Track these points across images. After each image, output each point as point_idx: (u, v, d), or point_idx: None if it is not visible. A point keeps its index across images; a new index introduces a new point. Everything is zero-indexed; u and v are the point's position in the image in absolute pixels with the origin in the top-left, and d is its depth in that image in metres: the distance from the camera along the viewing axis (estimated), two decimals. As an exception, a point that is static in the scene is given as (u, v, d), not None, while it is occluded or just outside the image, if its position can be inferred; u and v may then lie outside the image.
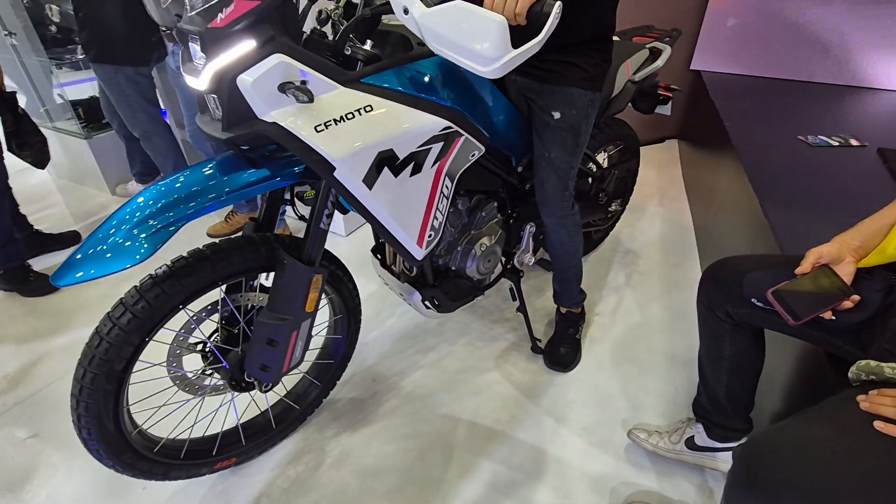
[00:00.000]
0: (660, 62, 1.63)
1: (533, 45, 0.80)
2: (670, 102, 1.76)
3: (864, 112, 2.43)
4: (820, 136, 2.04)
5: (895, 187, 1.68)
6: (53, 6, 2.69)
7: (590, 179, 1.74)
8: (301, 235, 1.13)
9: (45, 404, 1.55)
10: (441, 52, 0.85)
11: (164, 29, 1.91)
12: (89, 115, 2.70)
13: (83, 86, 2.77)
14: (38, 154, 1.93)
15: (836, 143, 1.98)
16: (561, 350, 1.66)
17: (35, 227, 2.25)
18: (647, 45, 1.69)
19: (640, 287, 2.06)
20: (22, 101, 1.92)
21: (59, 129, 2.73)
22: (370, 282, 2.04)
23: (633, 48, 1.62)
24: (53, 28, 2.58)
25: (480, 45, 0.80)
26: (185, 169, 0.97)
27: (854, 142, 2.00)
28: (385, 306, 1.95)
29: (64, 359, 1.72)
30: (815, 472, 0.70)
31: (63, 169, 2.93)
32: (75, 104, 2.66)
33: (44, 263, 2.21)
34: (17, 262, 1.98)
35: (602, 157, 1.88)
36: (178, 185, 0.93)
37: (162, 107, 2.43)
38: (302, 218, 1.32)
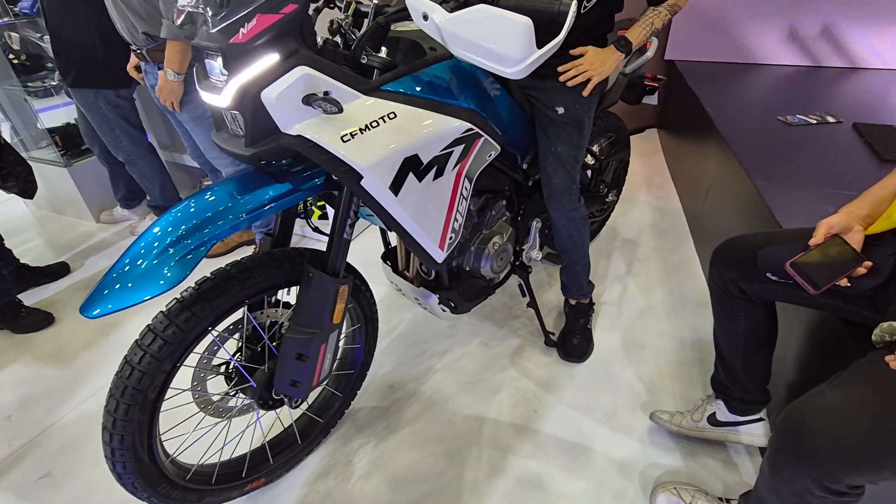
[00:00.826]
0: (649, 54, 1.67)
1: (555, 44, 0.82)
2: (657, 92, 1.80)
3: (836, 90, 2.53)
4: (798, 116, 2.12)
5: (874, 159, 1.76)
6: (13, 34, 2.61)
7: (589, 172, 1.78)
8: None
9: (54, 442, 1.50)
10: (464, 55, 0.86)
11: (135, 49, 1.87)
12: (67, 141, 2.61)
13: (57, 112, 2.69)
14: (23, 183, 1.87)
15: (815, 121, 2.07)
16: (574, 341, 1.69)
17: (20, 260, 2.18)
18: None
19: (641, 274, 2.10)
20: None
21: (35, 158, 2.64)
22: (379, 288, 2.03)
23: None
24: (22, 56, 2.49)
25: (506, 46, 0.81)
26: (198, 192, 0.96)
27: (830, 119, 2.09)
28: (394, 312, 1.94)
29: (67, 394, 1.66)
30: (858, 433, 0.73)
31: (42, 199, 2.83)
32: (52, 131, 2.58)
33: (33, 298, 2.13)
34: (6, 299, 1.91)
35: (596, 150, 1.92)
36: (193, 210, 0.91)
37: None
38: (316, 230, 1.32)
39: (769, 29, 2.90)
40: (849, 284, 0.91)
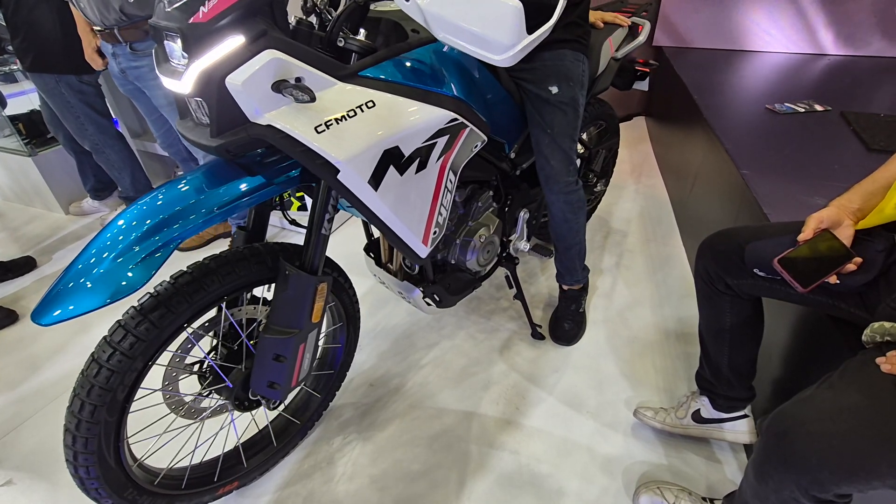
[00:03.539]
0: (641, 38, 1.62)
1: (546, 29, 0.77)
2: (648, 78, 1.76)
3: (824, 78, 2.52)
4: (786, 104, 2.10)
5: (861, 148, 1.75)
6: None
7: (578, 161, 1.73)
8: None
9: (16, 447, 1.43)
10: (448, 40, 0.81)
11: (103, 28, 1.76)
12: (31, 129, 2.49)
13: (21, 99, 2.56)
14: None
15: (802, 110, 2.05)
16: (565, 326, 1.68)
17: (-17, 255, 2.08)
18: (626, 21, 1.68)
19: (628, 266, 2.08)
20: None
21: (-3, 147, 2.51)
22: (362, 281, 1.98)
23: (614, 25, 1.61)
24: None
25: (494, 32, 0.76)
26: (167, 183, 0.89)
27: (818, 107, 2.07)
28: (378, 305, 1.90)
29: (30, 396, 1.58)
30: (850, 441, 0.70)
31: (7, 190, 2.70)
32: (14, 119, 2.45)
33: (-3, 294, 2.04)
34: (-33, 296, 1.82)
35: (585, 138, 1.87)
36: (160, 202, 0.85)
37: (113, 116, 2.26)
38: (293, 222, 1.26)
39: (758, 15, 2.87)
40: (838, 281, 0.88)
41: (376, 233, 1.46)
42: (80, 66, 1.99)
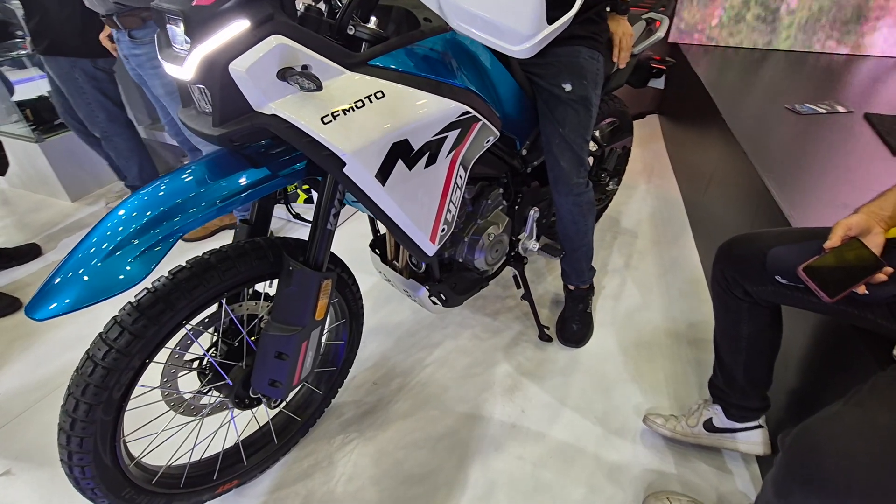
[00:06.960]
0: (659, 33, 1.57)
1: (567, 19, 0.73)
2: (664, 75, 1.71)
3: (845, 78, 2.45)
4: (807, 105, 2.04)
5: (886, 152, 1.70)
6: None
7: (591, 159, 1.69)
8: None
9: (15, 437, 1.41)
10: (465, 29, 0.77)
11: (105, 15, 1.74)
12: (38, 116, 2.47)
13: (28, 85, 2.54)
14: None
15: (824, 111, 1.99)
16: (573, 326, 1.64)
17: (-13, 242, 2.07)
18: (643, 16, 1.63)
19: (640, 268, 2.04)
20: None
21: (4, 133, 2.50)
22: (366, 278, 1.95)
23: (631, 19, 1.55)
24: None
25: (513, 21, 0.72)
26: (170, 173, 0.86)
27: (840, 108, 2.01)
28: (381, 302, 1.87)
29: (32, 385, 1.57)
30: (879, 463, 0.66)
31: (14, 176, 2.70)
32: (22, 105, 2.43)
33: (0, 281, 2.02)
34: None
35: (598, 135, 1.83)
36: (162, 193, 0.82)
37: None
38: (297, 216, 1.22)
39: (776, 12, 2.80)
40: (867, 292, 0.84)
41: (382, 228, 1.42)
42: (95, 50, 1.97)
